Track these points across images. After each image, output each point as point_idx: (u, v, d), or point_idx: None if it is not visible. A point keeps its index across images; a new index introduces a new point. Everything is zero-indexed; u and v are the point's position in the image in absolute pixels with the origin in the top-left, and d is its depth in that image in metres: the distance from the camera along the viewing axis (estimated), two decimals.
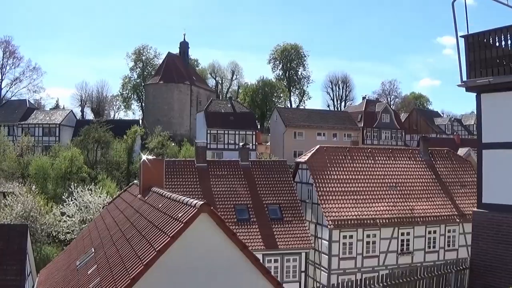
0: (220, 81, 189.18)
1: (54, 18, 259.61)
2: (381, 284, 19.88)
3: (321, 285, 52.34)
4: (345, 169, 56.46)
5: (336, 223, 51.28)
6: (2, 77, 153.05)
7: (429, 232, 54.50)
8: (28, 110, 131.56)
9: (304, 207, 55.74)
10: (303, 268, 51.61)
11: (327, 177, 55.03)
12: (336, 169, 56.09)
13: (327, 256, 51.73)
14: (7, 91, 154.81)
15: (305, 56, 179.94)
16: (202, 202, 18.22)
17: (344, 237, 51.71)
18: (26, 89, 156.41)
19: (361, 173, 56.57)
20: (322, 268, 52.90)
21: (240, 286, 18.29)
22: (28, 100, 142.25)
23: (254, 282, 18.58)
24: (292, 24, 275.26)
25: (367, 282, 19.78)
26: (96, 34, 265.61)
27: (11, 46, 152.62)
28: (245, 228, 51.02)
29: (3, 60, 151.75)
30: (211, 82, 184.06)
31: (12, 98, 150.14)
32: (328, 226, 51.13)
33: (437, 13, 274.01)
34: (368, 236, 52.40)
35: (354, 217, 52.20)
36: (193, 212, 18.02)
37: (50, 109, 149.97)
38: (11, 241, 43.83)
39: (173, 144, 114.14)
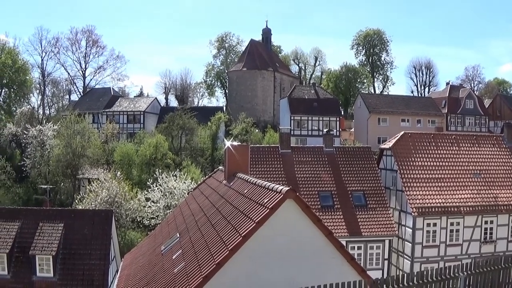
0: (303, 67, 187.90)
1: (138, 7, 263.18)
2: (465, 273, 19.77)
3: (404, 274, 52.05)
4: (429, 155, 55.99)
5: (420, 210, 50.99)
6: (86, 65, 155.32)
7: None
8: (113, 97, 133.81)
9: (388, 194, 55.52)
10: (386, 256, 51.37)
11: (411, 163, 54.69)
12: (420, 155, 55.68)
13: (410, 244, 51.51)
14: (91, 80, 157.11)
15: (388, 42, 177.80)
16: (287, 188, 18.25)
17: (428, 225, 51.42)
18: (110, 77, 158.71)
19: (445, 160, 56.01)
20: (405, 256, 52.69)
21: (324, 272, 18.30)
22: (112, 88, 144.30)
23: (339, 268, 18.66)
24: (374, 8, 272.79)
25: (451, 271, 19.70)
26: (179, 23, 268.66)
27: (94, 35, 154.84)
28: (329, 215, 51.05)
29: (86, 49, 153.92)
30: (294, 68, 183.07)
31: (96, 86, 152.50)
32: (412, 214, 50.89)
33: None
34: (451, 224, 51.98)
35: (438, 204, 51.80)
36: (278, 198, 18.13)
37: (134, 96, 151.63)
38: (96, 226, 44.96)
39: (257, 130, 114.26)
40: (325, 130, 68.23)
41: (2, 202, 72.59)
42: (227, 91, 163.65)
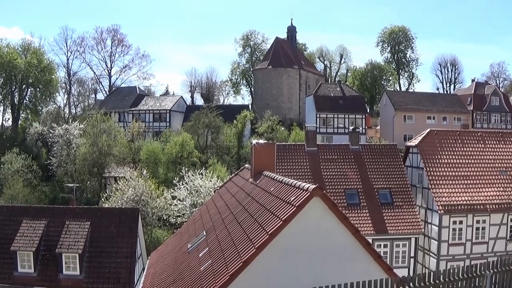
0: (329, 65, 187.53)
1: (163, 6, 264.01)
2: (491, 271, 19.70)
3: (431, 272, 51.77)
4: (455, 153, 55.75)
5: (446, 208, 50.81)
6: (111, 64, 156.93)
7: None
8: (138, 96, 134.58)
9: (414, 191, 55.35)
10: (412, 254, 51.21)
11: (437, 161, 54.50)
12: (446, 153, 55.46)
13: (436, 242, 51.34)
14: (116, 79, 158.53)
15: (413, 39, 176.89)
16: (314, 186, 18.11)
17: (454, 222, 51.22)
18: (136, 76, 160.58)
19: (471, 158, 55.75)
20: (431, 254, 52.53)
21: (351, 270, 18.25)
22: (138, 87, 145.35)
23: (365, 266, 18.60)
24: (399, 5, 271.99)
25: (477, 269, 19.64)
26: (204, 21, 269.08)
27: (119, 34, 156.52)
28: (355, 213, 50.99)
29: (111, 48, 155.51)
30: (319, 66, 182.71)
31: (122, 85, 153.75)
32: (438, 211, 50.71)
33: None
34: (477, 222, 51.76)
35: (464, 202, 51.59)
36: (305, 196, 18.01)
37: (160, 95, 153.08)
38: (122, 224, 45.24)
39: (283, 128, 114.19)
40: (351, 127, 68.25)
41: (28, 200, 73.09)
42: (252, 89, 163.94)
